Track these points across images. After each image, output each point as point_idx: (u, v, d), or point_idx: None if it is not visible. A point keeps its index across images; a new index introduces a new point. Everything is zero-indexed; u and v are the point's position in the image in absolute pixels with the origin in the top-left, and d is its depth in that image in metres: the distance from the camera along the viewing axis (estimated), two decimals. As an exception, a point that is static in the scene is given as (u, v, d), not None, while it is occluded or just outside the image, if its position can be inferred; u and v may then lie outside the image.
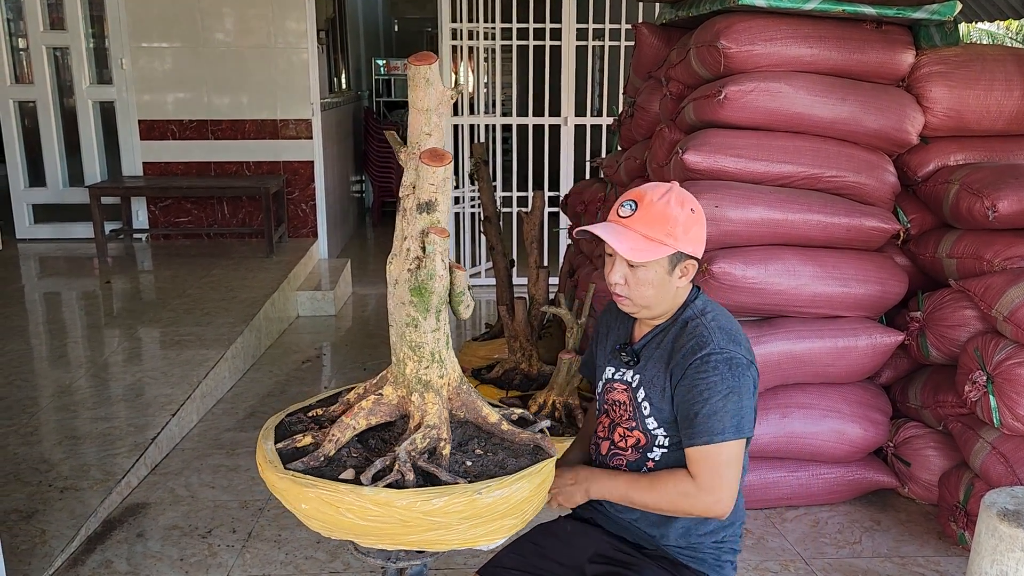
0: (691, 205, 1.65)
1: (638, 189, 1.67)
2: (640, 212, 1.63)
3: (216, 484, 3.12)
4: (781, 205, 2.68)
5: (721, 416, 1.57)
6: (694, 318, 1.68)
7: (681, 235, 1.62)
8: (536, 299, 3.99)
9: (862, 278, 2.74)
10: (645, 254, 1.61)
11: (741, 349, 1.63)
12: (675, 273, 1.65)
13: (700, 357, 1.62)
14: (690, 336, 1.65)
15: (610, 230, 1.64)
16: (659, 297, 1.67)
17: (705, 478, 1.59)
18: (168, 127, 6.47)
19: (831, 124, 2.77)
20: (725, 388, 1.58)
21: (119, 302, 5.14)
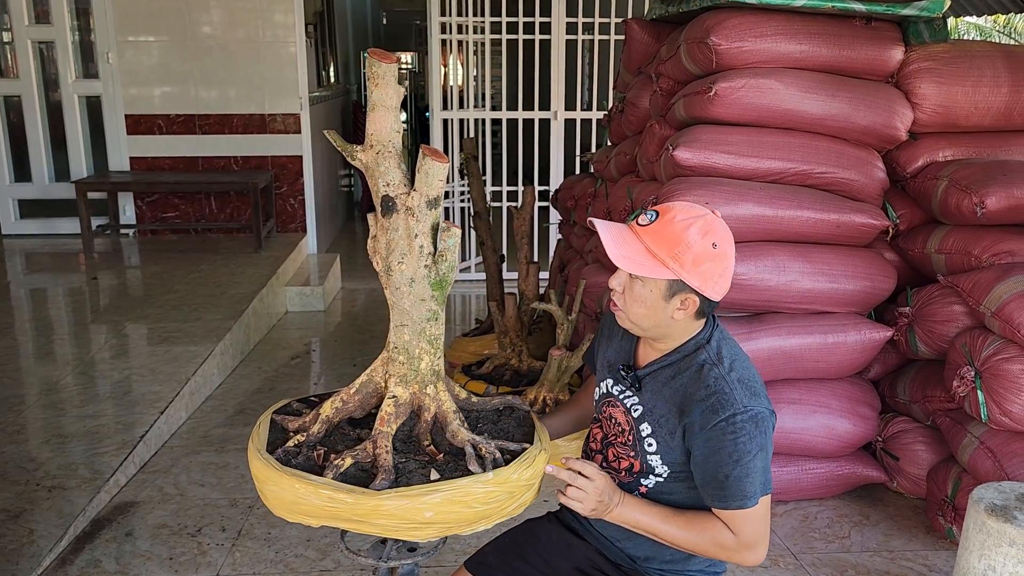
0: (716, 239, 1.55)
1: (670, 203, 1.60)
2: (657, 225, 1.55)
3: (205, 482, 3.11)
4: (771, 202, 2.68)
5: (753, 478, 1.52)
6: (711, 365, 1.59)
7: (688, 264, 1.52)
8: (526, 295, 3.99)
9: (851, 274, 2.75)
10: (638, 266, 1.54)
11: (762, 401, 1.57)
12: (672, 302, 1.57)
13: (725, 419, 1.53)
14: (708, 390, 1.57)
15: (614, 231, 1.58)
16: (651, 320, 1.59)
17: (746, 536, 1.55)
18: (155, 121, 6.43)
19: (821, 120, 2.77)
20: (755, 448, 1.52)
21: (106, 298, 5.11)
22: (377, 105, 1.49)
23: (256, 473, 1.54)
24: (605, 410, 1.79)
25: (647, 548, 1.70)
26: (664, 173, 2.90)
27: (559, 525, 1.86)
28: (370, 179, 1.53)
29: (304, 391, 4.19)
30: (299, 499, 1.46)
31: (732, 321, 2.76)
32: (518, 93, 6.47)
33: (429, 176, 1.50)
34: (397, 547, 1.68)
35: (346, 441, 1.63)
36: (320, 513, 1.46)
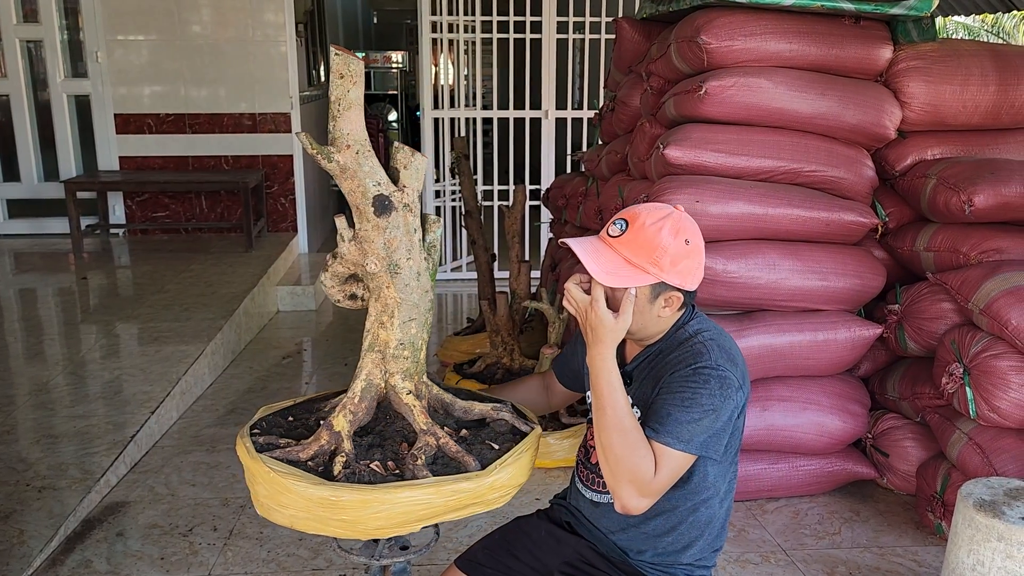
0: (687, 235, 1.58)
1: (634, 208, 1.62)
2: (629, 234, 1.57)
3: (196, 482, 3.10)
4: (761, 200, 2.69)
5: (692, 428, 1.53)
6: (690, 338, 1.64)
7: (667, 266, 1.55)
8: (518, 294, 3.99)
9: (841, 272, 2.76)
10: (621, 279, 1.55)
11: (736, 371, 1.58)
12: (657, 302, 1.60)
13: (694, 368, 1.57)
14: (684, 351, 1.61)
15: (591, 248, 1.59)
16: (640, 323, 1.62)
17: (658, 480, 1.53)
18: (145, 121, 6.41)
19: (811, 119, 2.79)
20: (709, 405, 1.53)
21: (96, 298, 5.09)
22: (353, 104, 1.49)
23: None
24: None
25: (640, 541, 1.70)
26: (655, 171, 2.91)
27: (548, 522, 1.86)
28: (349, 180, 1.52)
29: (296, 390, 4.19)
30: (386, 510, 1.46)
31: (723, 319, 2.77)
32: (509, 92, 6.47)
33: (418, 171, 1.54)
34: (389, 545, 1.68)
35: (365, 451, 1.62)
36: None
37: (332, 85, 1.47)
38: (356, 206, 1.53)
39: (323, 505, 1.44)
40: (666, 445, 1.52)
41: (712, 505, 1.67)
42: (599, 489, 1.75)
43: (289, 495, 1.45)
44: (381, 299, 1.61)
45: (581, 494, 1.80)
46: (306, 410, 1.77)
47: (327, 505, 1.44)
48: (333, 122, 1.48)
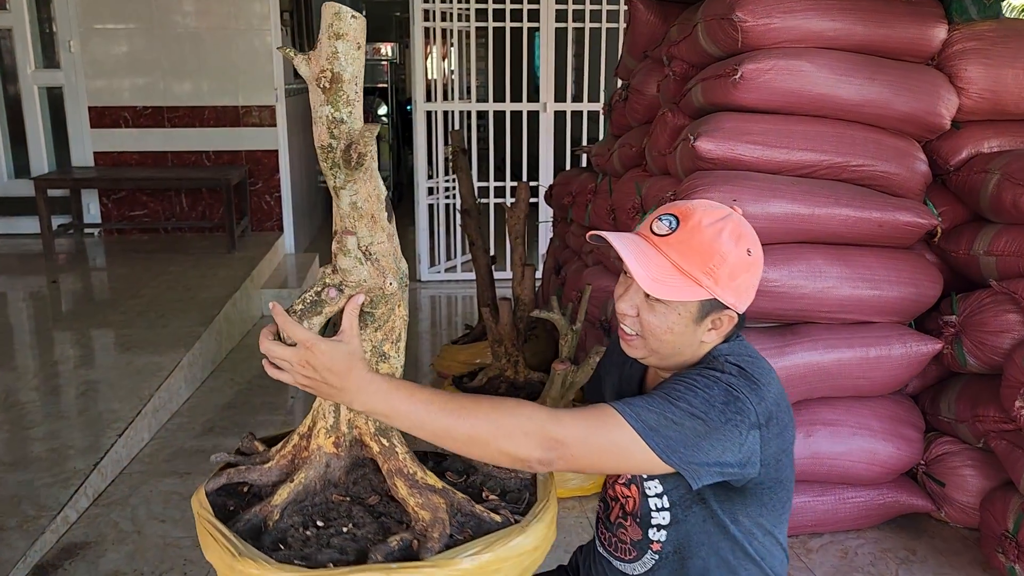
0: (749, 244, 1.29)
1: (687, 204, 1.31)
2: (681, 234, 1.27)
3: (167, 516, 2.77)
4: (805, 198, 2.38)
5: (661, 421, 1.19)
6: (713, 359, 1.33)
7: (725, 279, 1.26)
8: (522, 299, 3.67)
9: (894, 279, 2.45)
10: (670, 290, 1.26)
11: (757, 402, 1.25)
12: (704, 323, 1.30)
13: (698, 369, 1.29)
14: (697, 368, 1.33)
15: (634, 246, 1.29)
16: (676, 346, 1.32)
17: (569, 426, 1.17)
18: (121, 114, 6.05)
19: (857, 107, 2.47)
20: (700, 410, 1.20)
21: (66, 303, 4.74)
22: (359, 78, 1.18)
23: None
24: None
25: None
26: (681, 166, 2.59)
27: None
28: (367, 182, 1.20)
29: (280, 405, 3.86)
30: None
31: (762, 333, 2.46)
32: (505, 84, 6.14)
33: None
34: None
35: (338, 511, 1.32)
36: None
37: (328, 53, 1.14)
38: (371, 215, 1.21)
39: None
40: (616, 410, 1.20)
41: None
42: (627, 557, 1.44)
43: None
44: (388, 324, 1.29)
45: (606, 561, 1.49)
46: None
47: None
48: (350, 108, 1.16)
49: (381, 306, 1.27)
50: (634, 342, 1.35)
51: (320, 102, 1.13)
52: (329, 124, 1.14)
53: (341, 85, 1.12)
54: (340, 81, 1.12)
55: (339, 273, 1.20)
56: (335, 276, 1.20)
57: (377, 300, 1.26)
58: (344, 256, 1.19)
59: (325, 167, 1.17)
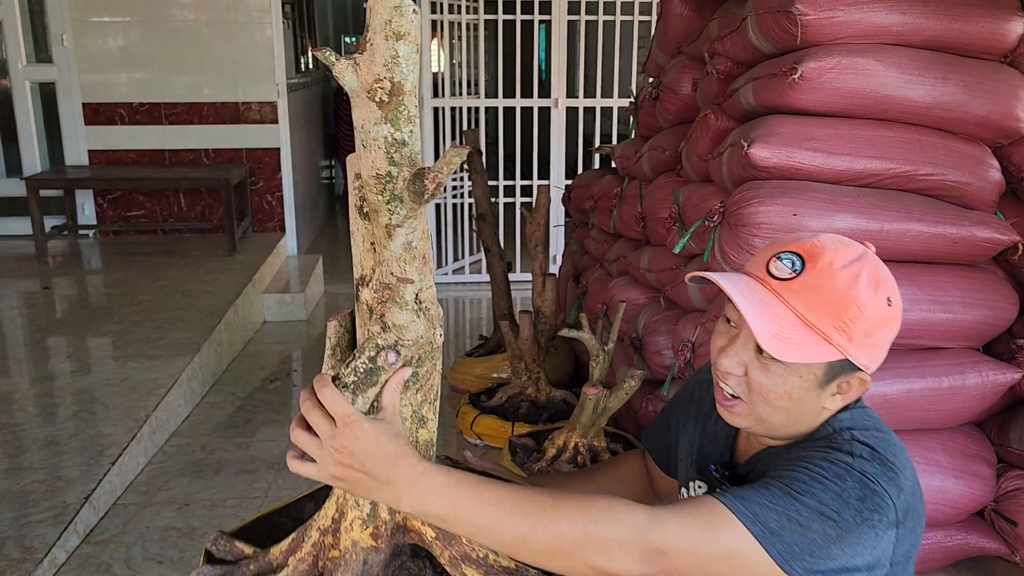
0: (889, 292, 1.07)
1: (812, 241, 1.08)
2: (808, 278, 1.04)
3: (164, 557, 2.54)
4: (873, 212, 2.14)
5: (783, 522, 0.96)
6: (834, 434, 1.10)
7: (860, 335, 1.04)
8: (542, 312, 3.43)
9: (968, 301, 2.21)
10: (794, 349, 1.03)
11: (898, 497, 1.02)
12: (829, 388, 1.07)
13: (825, 453, 1.05)
14: (820, 446, 1.08)
15: (749, 292, 1.06)
16: (792, 415, 1.09)
17: (671, 534, 0.95)
18: (116, 111, 5.80)
19: (927, 110, 2.23)
20: (832, 509, 0.98)
21: (58, 312, 4.51)
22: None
23: None
24: None
25: None
26: (728, 174, 2.36)
27: None
28: (418, 224, 0.98)
29: (283, 422, 3.62)
30: None
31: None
32: (516, 79, 5.90)
33: None
34: None
35: None
36: None
37: (386, 57, 0.89)
38: (424, 255, 0.98)
39: None
40: (727, 507, 0.97)
41: None
42: None
43: None
44: (429, 383, 1.07)
45: None
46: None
47: None
48: (411, 127, 0.92)
49: (427, 363, 1.04)
50: (736, 408, 1.11)
51: (374, 120, 0.90)
52: (389, 148, 0.91)
53: (402, 98, 0.89)
54: (401, 93, 0.89)
55: (392, 331, 0.97)
56: (387, 335, 0.97)
57: (424, 357, 1.03)
58: (400, 310, 0.96)
59: (377, 201, 0.93)
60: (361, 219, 1.01)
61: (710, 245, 2.32)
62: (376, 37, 0.87)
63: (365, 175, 0.92)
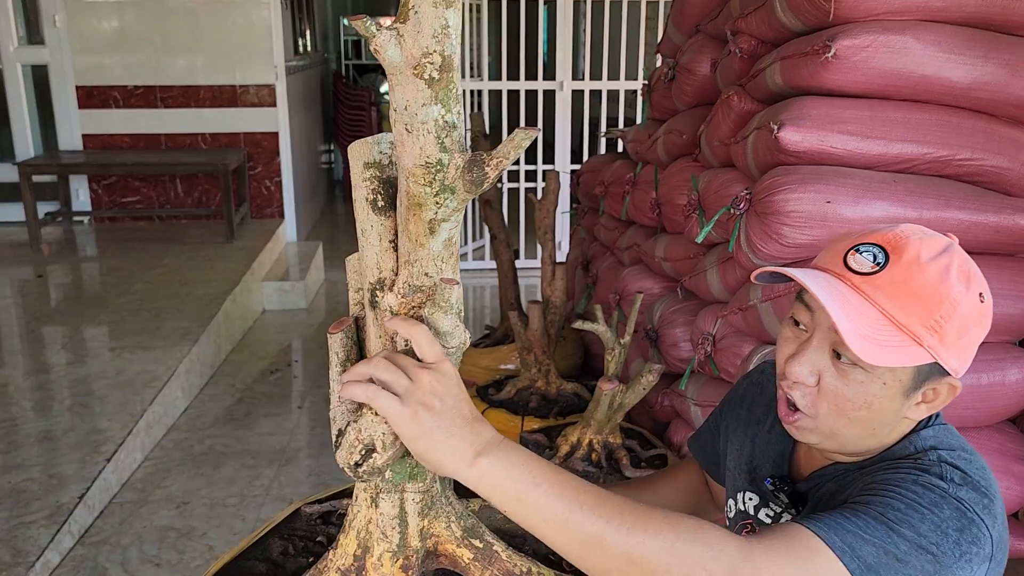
0: (980, 287, 0.97)
1: (892, 232, 0.98)
2: (893, 272, 0.93)
3: (162, 559, 2.43)
4: (910, 199, 2.02)
5: (879, 555, 0.86)
6: (917, 455, 0.99)
7: (952, 335, 0.93)
8: (552, 302, 3.32)
9: (1008, 292, 2.10)
10: (885, 352, 0.91)
11: (988, 523, 0.91)
12: (914, 396, 0.97)
13: (908, 470, 0.94)
14: (897, 467, 0.97)
15: (831, 289, 0.94)
16: (870, 426, 0.98)
17: (774, 564, 0.84)
18: (110, 94, 5.66)
19: (967, 91, 2.11)
20: (929, 541, 0.87)
21: (52, 301, 4.39)
22: None
23: None
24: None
25: None
26: (754, 159, 2.24)
27: None
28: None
29: (284, 414, 3.51)
30: None
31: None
32: (520, 61, 5.76)
33: None
34: None
35: None
36: None
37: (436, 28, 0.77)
38: (454, 251, 0.89)
39: None
40: (821, 538, 0.86)
41: None
42: None
43: None
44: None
45: None
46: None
47: None
48: (459, 107, 0.82)
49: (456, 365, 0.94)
50: (802, 423, 1.00)
51: (422, 100, 0.77)
52: (439, 132, 0.79)
53: (452, 75, 0.78)
54: (451, 69, 0.77)
55: (437, 339, 0.87)
56: None
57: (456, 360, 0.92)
58: (444, 315, 0.85)
59: (424, 193, 0.81)
60: (375, 214, 0.89)
61: (736, 234, 2.20)
62: (423, 4, 0.74)
63: (409, 164, 0.80)
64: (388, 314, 0.90)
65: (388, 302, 0.89)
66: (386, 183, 0.88)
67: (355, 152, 0.89)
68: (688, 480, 1.37)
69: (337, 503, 1.19)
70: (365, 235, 0.90)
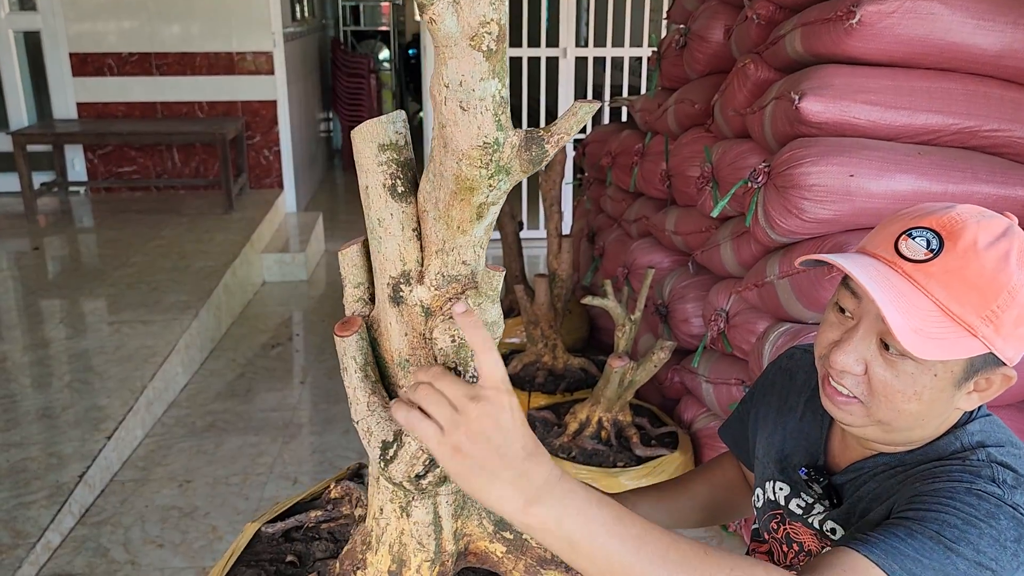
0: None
1: (947, 214, 0.89)
2: (948, 259, 0.86)
3: (165, 539, 2.39)
4: (936, 173, 1.95)
5: (938, 555, 0.82)
6: (964, 452, 0.93)
7: (1009, 325, 0.86)
8: (559, 275, 3.26)
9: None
10: (936, 345, 0.85)
11: None
12: (966, 387, 0.90)
13: (969, 485, 0.88)
14: (953, 469, 0.91)
15: (882, 279, 0.87)
16: (919, 417, 0.92)
17: None
18: (105, 61, 5.55)
19: (996, 59, 2.03)
20: (989, 557, 0.82)
21: (48, 274, 4.32)
22: None
23: None
24: (777, 532, 1.12)
25: None
26: (772, 131, 2.16)
27: None
28: None
29: (286, 389, 3.46)
30: None
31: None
32: (522, 27, 5.64)
33: None
34: None
35: None
36: None
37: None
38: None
39: None
40: (876, 564, 0.82)
41: None
42: None
43: None
44: None
45: None
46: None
47: None
48: (507, 80, 0.74)
49: None
50: (851, 407, 0.94)
51: (479, 74, 0.70)
52: (496, 109, 0.72)
53: (505, 46, 0.71)
54: (505, 40, 0.70)
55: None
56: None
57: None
58: (491, 304, 0.79)
59: (478, 176, 0.74)
60: (395, 201, 0.81)
61: (753, 208, 2.13)
62: None
63: (465, 146, 0.72)
64: (420, 308, 0.83)
65: (419, 296, 0.82)
66: (403, 166, 0.80)
67: (366, 134, 0.80)
68: (723, 475, 1.32)
69: (304, 517, 1.07)
70: (383, 225, 0.82)
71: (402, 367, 0.86)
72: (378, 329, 0.86)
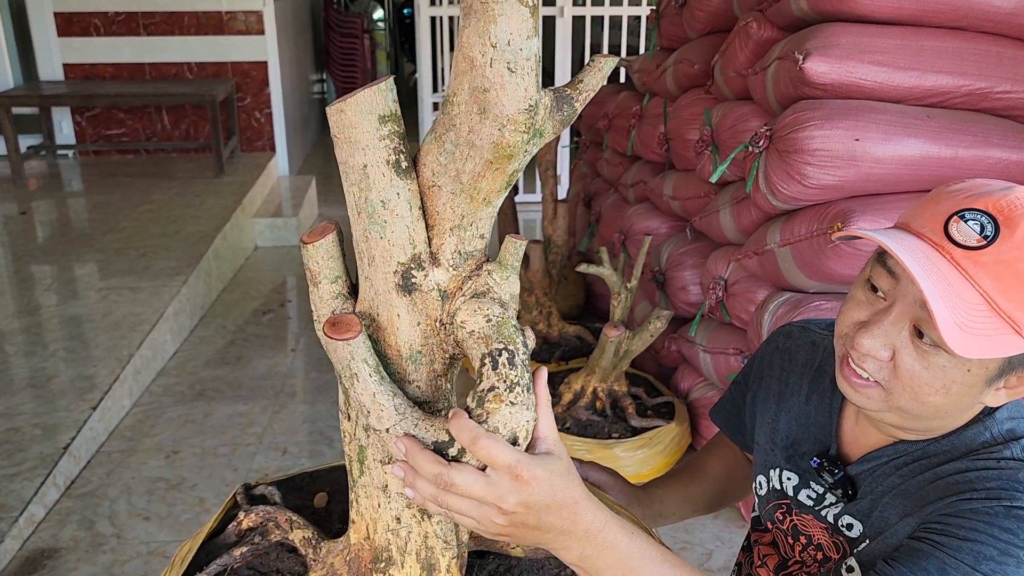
0: None
1: (1006, 197, 0.79)
2: (1003, 248, 0.77)
3: (152, 512, 2.35)
4: (946, 137, 1.88)
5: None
6: (993, 445, 0.87)
7: None
8: (554, 241, 3.19)
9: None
10: (981, 344, 0.77)
11: None
12: (997, 383, 0.83)
13: (1009, 506, 0.82)
14: (983, 472, 0.85)
15: (929, 265, 0.78)
16: (942, 411, 0.86)
17: None
18: (91, 21, 5.41)
19: (1010, 17, 1.94)
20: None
21: (36, 240, 4.24)
22: None
23: None
24: (782, 519, 1.06)
25: None
26: (775, 92, 2.08)
27: None
28: None
29: (277, 355, 3.41)
30: None
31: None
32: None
33: None
34: None
35: None
36: None
37: None
38: None
39: None
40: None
41: None
42: None
43: None
44: None
45: None
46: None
47: None
48: None
49: None
50: (869, 391, 0.86)
51: (526, 32, 0.63)
52: (536, 68, 0.66)
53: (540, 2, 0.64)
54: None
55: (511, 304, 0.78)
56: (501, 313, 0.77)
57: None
58: (515, 275, 0.77)
59: (518, 142, 0.67)
60: (401, 179, 0.72)
61: (754, 173, 2.06)
62: None
63: (512, 111, 0.65)
64: (437, 293, 0.76)
65: (437, 279, 0.75)
66: (404, 138, 0.72)
67: (363, 105, 0.69)
68: (732, 454, 1.27)
69: (228, 559, 0.93)
70: (388, 206, 0.72)
71: (413, 360, 0.78)
72: (374, 324, 0.79)
